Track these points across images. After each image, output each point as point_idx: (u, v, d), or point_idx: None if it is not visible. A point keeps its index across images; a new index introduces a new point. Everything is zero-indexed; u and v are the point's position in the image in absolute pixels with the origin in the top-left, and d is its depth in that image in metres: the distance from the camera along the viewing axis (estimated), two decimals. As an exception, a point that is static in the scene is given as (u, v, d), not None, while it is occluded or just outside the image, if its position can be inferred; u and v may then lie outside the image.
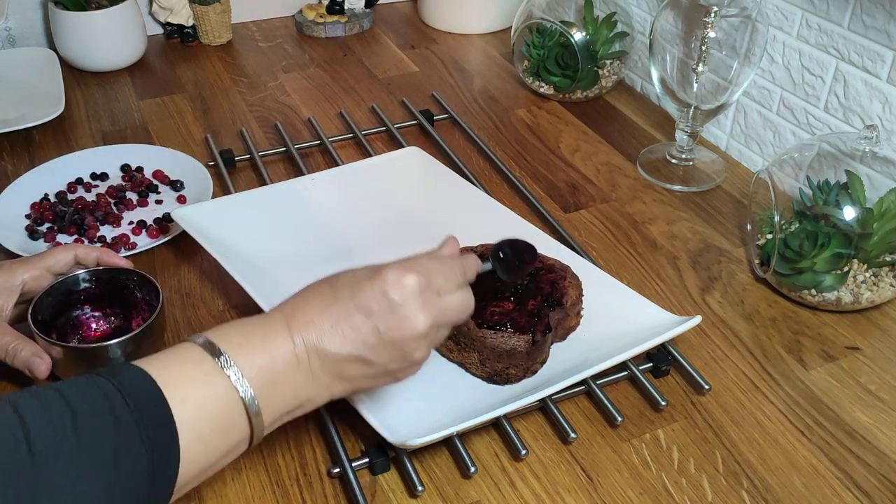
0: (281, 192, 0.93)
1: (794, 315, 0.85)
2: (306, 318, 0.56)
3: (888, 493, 0.67)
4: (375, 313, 0.56)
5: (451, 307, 0.59)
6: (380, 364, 0.57)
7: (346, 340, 0.56)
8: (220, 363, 0.52)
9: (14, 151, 1.09)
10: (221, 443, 0.52)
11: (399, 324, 0.56)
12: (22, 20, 1.32)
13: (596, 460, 0.70)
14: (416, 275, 0.57)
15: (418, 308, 0.57)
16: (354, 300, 0.56)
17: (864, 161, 0.86)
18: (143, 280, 0.77)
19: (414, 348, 0.58)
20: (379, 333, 0.56)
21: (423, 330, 0.57)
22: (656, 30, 1.02)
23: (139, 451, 0.47)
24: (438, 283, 0.59)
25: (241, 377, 0.52)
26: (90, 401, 0.47)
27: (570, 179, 1.06)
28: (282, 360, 0.54)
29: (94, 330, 0.79)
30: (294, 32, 1.44)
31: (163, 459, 0.48)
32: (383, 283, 0.56)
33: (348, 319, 0.56)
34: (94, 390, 0.48)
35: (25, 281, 0.74)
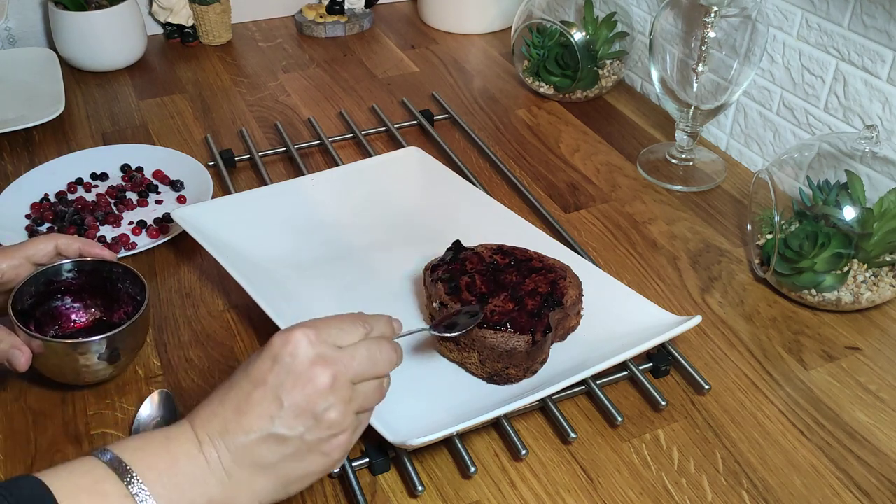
0: (281, 192, 0.93)
1: (794, 315, 0.85)
2: (208, 413, 0.52)
3: (888, 493, 0.67)
4: (270, 381, 0.52)
5: (356, 355, 0.55)
6: (294, 437, 0.52)
7: (251, 420, 0.51)
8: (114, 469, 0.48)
9: (14, 151, 1.09)
10: None
11: (296, 382, 0.52)
12: (22, 20, 1.32)
13: (596, 460, 0.70)
14: (302, 329, 0.54)
15: (311, 362, 0.53)
16: (249, 377, 0.53)
17: (864, 161, 0.86)
18: (126, 272, 0.76)
19: (324, 408, 0.52)
20: (280, 401, 0.52)
21: (325, 383, 0.52)
22: (656, 30, 1.02)
23: None
24: (332, 335, 0.55)
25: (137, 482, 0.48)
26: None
27: (570, 179, 1.06)
28: (185, 459, 0.50)
29: (74, 322, 0.77)
30: (294, 32, 1.44)
31: None
32: (271, 349, 0.53)
33: (248, 398, 0.52)
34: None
35: (4, 270, 0.72)
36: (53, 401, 0.74)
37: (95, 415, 0.73)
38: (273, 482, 0.53)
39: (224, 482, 0.51)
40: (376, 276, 0.85)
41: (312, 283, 0.84)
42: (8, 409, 0.73)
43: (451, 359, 0.76)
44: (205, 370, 0.78)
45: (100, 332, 0.71)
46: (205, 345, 0.80)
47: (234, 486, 0.51)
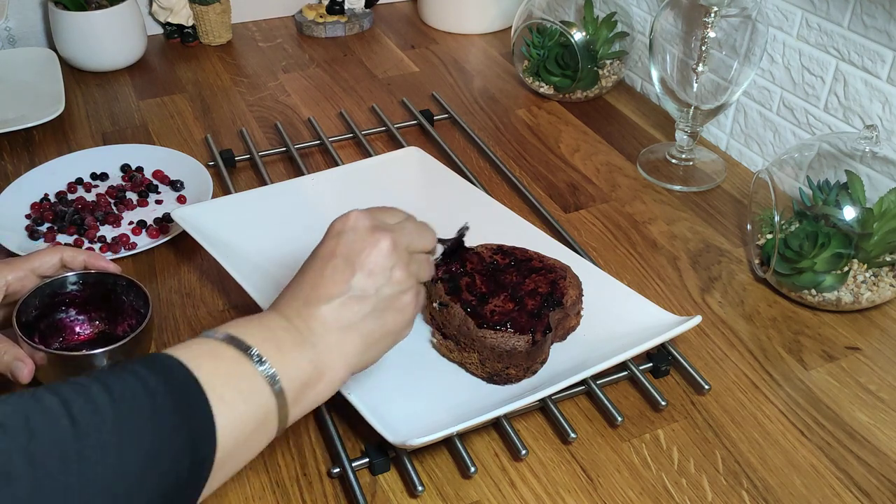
0: (281, 192, 0.93)
1: (794, 315, 0.85)
2: (288, 297, 0.59)
3: (888, 493, 0.67)
4: (339, 253, 0.59)
5: (405, 228, 0.62)
6: (371, 295, 0.58)
7: (328, 288, 0.57)
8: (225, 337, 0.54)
9: (14, 151, 1.09)
10: (247, 409, 0.52)
11: (362, 247, 0.58)
12: (22, 20, 1.32)
13: (596, 460, 0.70)
14: (353, 211, 0.61)
15: (370, 230, 0.59)
16: (317, 256, 0.60)
17: (864, 161, 0.86)
18: (130, 285, 0.76)
19: (390, 266, 0.59)
20: (353, 266, 0.58)
21: (386, 245, 0.59)
22: (656, 30, 1.02)
23: (176, 421, 0.47)
24: (380, 215, 0.62)
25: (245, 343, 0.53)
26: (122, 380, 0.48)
27: (570, 179, 1.06)
28: (280, 329, 0.56)
29: (78, 334, 0.77)
30: (294, 32, 1.44)
31: (199, 428, 0.49)
32: (332, 230, 0.60)
33: (321, 272, 0.58)
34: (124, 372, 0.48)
35: (9, 282, 0.73)
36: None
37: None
38: (359, 342, 0.58)
39: (316, 345, 0.56)
40: (376, 276, 0.85)
41: (312, 283, 0.84)
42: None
43: (451, 359, 0.76)
44: (205, 370, 0.77)
45: (104, 344, 0.71)
46: (205, 345, 0.80)
47: (325, 348, 0.57)
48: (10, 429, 0.42)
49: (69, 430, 0.43)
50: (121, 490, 0.44)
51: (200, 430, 0.49)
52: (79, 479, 0.43)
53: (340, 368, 0.58)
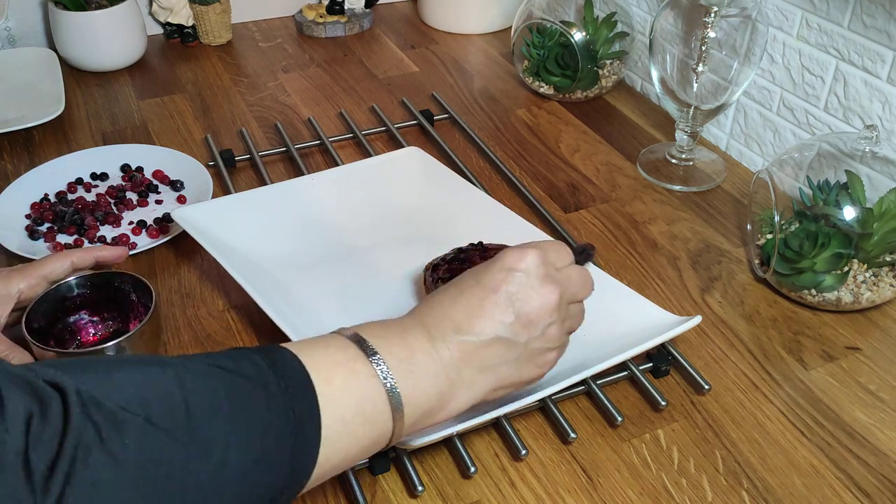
0: (281, 192, 0.93)
1: (794, 315, 0.85)
2: (439, 314, 0.57)
3: (888, 493, 0.67)
4: (505, 289, 0.57)
5: (571, 278, 0.60)
6: (520, 344, 0.57)
7: (484, 323, 0.56)
8: (362, 350, 0.53)
9: (14, 151, 1.09)
10: (363, 432, 0.51)
11: (529, 295, 0.57)
12: (22, 20, 1.32)
13: (596, 460, 0.70)
14: (534, 250, 0.59)
15: (542, 279, 0.58)
16: (480, 284, 0.57)
17: (864, 161, 0.86)
18: (137, 282, 0.77)
19: (548, 323, 0.58)
20: (513, 309, 0.57)
21: (554, 300, 0.58)
22: (656, 30, 1.02)
23: (286, 429, 0.47)
24: (552, 258, 0.60)
25: (382, 364, 0.52)
26: (244, 373, 0.47)
27: (570, 179, 1.06)
28: (421, 351, 0.55)
29: (92, 335, 0.78)
30: (294, 32, 1.44)
31: (306, 440, 0.48)
32: (504, 263, 0.58)
33: (481, 303, 0.57)
34: (249, 365, 0.48)
35: (22, 290, 0.74)
36: (53, 401, 0.74)
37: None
38: (490, 384, 0.58)
39: (451, 377, 0.55)
40: (376, 276, 0.85)
41: (312, 283, 0.84)
42: (8, 409, 0.73)
43: (451, 359, 0.76)
44: (205, 370, 0.77)
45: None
46: (205, 345, 0.80)
47: (459, 382, 0.56)
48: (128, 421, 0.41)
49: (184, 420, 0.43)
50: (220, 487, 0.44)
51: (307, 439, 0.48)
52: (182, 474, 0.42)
53: (464, 403, 0.57)
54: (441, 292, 0.59)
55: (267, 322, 0.74)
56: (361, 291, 0.83)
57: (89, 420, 0.40)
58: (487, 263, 0.59)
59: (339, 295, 0.83)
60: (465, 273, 0.60)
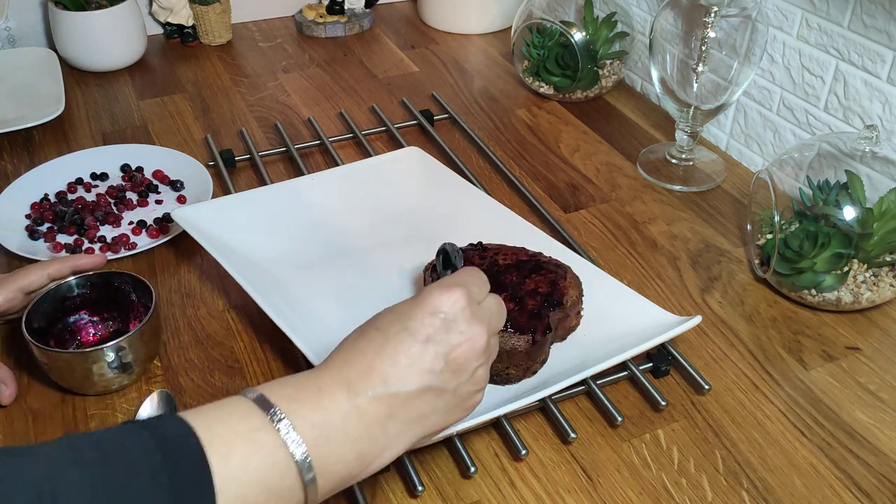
0: (281, 192, 0.93)
1: (794, 315, 0.85)
2: (363, 367, 0.52)
3: (888, 493, 0.67)
4: (433, 337, 0.53)
5: (492, 311, 0.58)
6: (449, 390, 0.54)
7: (411, 373, 0.52)
8: (269, 416, 0.47)
9: (14, 151, 1.09)
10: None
11: (458, 340, 0.54)
12: (22, 20, 1.32)
13: (596, 460, 0.70)
14: (459, 289, 0.55)
15: (469, 320, 0.55)
16: (408, 331, 0.53)
17: (864, 161, 0.86)
18: (136, 282, 0.77)
19: (477, 366, 0.55)
20: (443, 356, 0.53)
21: (482, 342, 0.55)
22: (656, 30, 1.02)
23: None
24: (475, 292, 0.57)
25: (292, 432, 0.47)
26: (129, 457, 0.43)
27: (570, 179, 1.06)
28: (340, 414, 0.50)
29: (92, 335, 0.79)
30: (294, 32, 1.44)
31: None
32: (430, 305, 0.54)
33: (407, 352, 0.52)
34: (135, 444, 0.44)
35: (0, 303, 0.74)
36: (53, 401, 0.74)
37: (95, 415, 0.73)
38: (416, 434, 0.54)
39: (375, 436, 0.51)
40: (376, 276, 0.85)
41: (312, 283, 0.84)
42: (8, 409, 0.73)
43: (451, 359, 0.76)
44: (205, 370, 0.78)
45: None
46: (205, 345, 0.80)
47: (385, 440, 0.52)
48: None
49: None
50: None
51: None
52: None
53: (388, 459, 0.53)
54: (361, 336, 0.54)
55: (267, 322, 0.74)
56: (361, 291, 0.83)
57: None
58: (413, 305, 0.55)
59: (339, 295, 0.83)
60: (385, 314, 0.56)
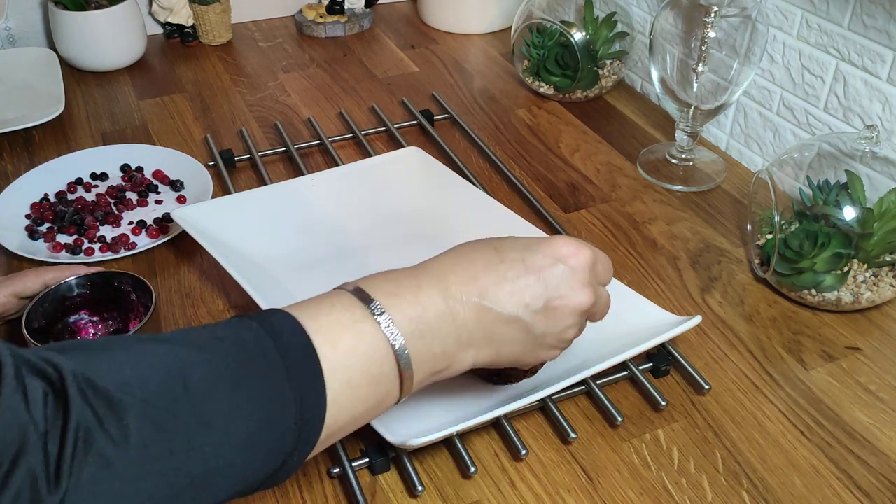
0: (281, 192, 0.93)
1: (794, 315, 0.85)
2: (468, 274, 0.54)
3: (888, 493, 0.67)
4: (546, 276, 0.55)
5: (602, 297, 0.59)
6: (535, 333, 0.56)
7: (511, 300, 0.54)
8: (370, 310, 0.51)
9: (14, 151, 1.09)
10: (370, 392, 0.51)
11: (566, 293, 0.56)
12: (22, 20, 1.32)
13: (596, 460, 0.70)
14: (588, 251, 0.57)
15: (585, 282, 0.56)
16: (525, 262, 0.55)
17: (864, 161, 0.86)
18: (137, 282, 0.77)
19: (570, 325, 0.57)
20: (546, 298, 0.55)
21: (586, 305, 0.56)
22: (656, 30, 1.02)
23: (289, 398, 0.46)
24: (599, 270, 0.59)
25: (391, 325, 0.51)
26: (243, 344, 0.47)
27: (570, 179, 1.06)
28: (434, 312, 0.53)
29: (92, 335, 0.79)
30: (294, 32, 1.44)
31: (311, 407, 0.48)
32: (556, 250, 0.56)
33: (516, 279, 0.55)
34: (247, 334, 0.47)
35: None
36: (53, 401, 0.74)
37: (95, 415, 0.73)
38: (493, 354, 0.56)
39: (460, 340, 0.54)
40: (376, 276, 0.85)
41: (312, 283, 0.83)
42: (8, 409, 0.73)
43: (451, 359, 0.76)
44: (205, 370, 0.77)
45: None
46: (205, 345, 0.80)
47: (467, 345, 0.54)
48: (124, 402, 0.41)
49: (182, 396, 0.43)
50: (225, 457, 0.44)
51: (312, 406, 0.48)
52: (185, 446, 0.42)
53: (467, 366, 0.56)
54: (476, 249, 0.57)
55: (267, 322, 0.74)
56: (361, 291, 0.83)
57: (87, 404, 0.40)
58: (538, 242, 0.57)
59: (339, 295, 0.83)
60: (507, 239, 0.57)
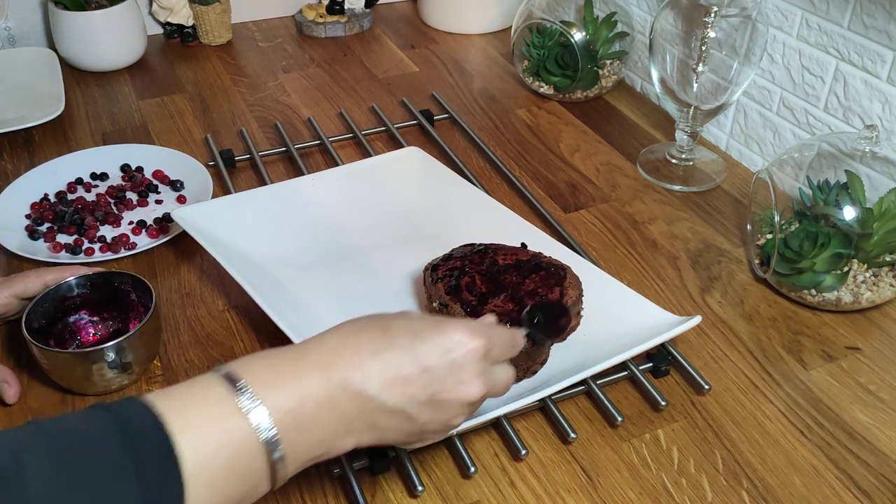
0: (281, 192, 0.93)
1: (794, 315, 0.85)
2: (353, 361, 0.51)
3: (888, 493, 0.67)
4: (432, 370, 0.52)
5: (499, 381, 0.57)
6: (419, 422, 0.53)
7: (395, 391, 0.51)
8: (243, 402, 0.47)
9: (14, 151, 1.09)
10: (237, 489, 0.47)
11: (453, 386, 0.53)
12: (22, 20, 1.32)
13: (596, 460, 0.70)
14: (483, 340, 0.54)
15: (476, 374, 0.54)
16: (413, 351, 0.52)
17: (864, 161, 0.86)
18: (136, 282, 0.77)
19: (456, 414, 0.55)
20: (431, 392, 0.52)
21: (474, 397, 0.54)
22: (656, 30, 1.02)
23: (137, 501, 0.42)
24: (495, 354, 0.56)
25: (265, 418, 0.47)
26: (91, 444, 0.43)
27: (570, 179, 1.06)
28: (314, 402, 0.49)
29: (92, 335, 0.79)
30: (294, 32, 1.44)
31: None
32: (447, 341, 0.53)
33: (401, 369, 0.51)
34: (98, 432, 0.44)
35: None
36: (53, 401, 0.74)
37: (95, 415, 0.73)
38: (375, 438, 0.54)
39: (339, 429, 0.51)
40: (376, 276, 0.85)
41: (313, 283, 0.84)
42: (8, 409, 0.73)
43: (451, 359, 0.76)
44: (205, 370, 0.77)
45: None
46: (205, 345, 0.80)
47: (347, 433, 0.52)
48: None
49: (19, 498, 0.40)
50: None
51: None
52: None
53: (348, 449, 0.53)
54: (365, 329, 0.53)
55: (267, 322, 0.74)
56: (361, 291, 0.83)
57: None
58: (430, 328, 0.53)
59: (339, 295, 0.83)
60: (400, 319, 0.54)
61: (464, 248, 0.81)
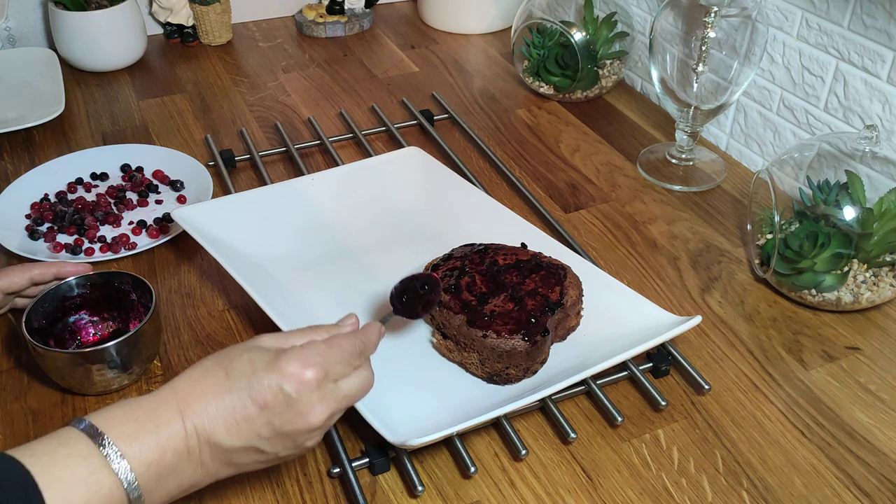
0: (281, 192, 0.93)
1: (794, 315, 0.85)
2: (200, 406, 0.54)
3: (888, 493, 0.67)
4: (271, 407, 0.55)
5: (349, 392, 0.58)
6: (271, 453, 0.56)
7: (239, 433, 0.54)
8: (106, 457, 0.50)
9: (14, 151, 1.09)
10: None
11: (294, 418, 0.55)
12: (22, 20, 1.32)
13: (596, 460, 0.70)
14: (315, 369, 0.56)
15: (315, 402, 0.56)
16: (250, 392, 0.54)
17: (864, 161, 0.86)
18: (137, 282, 0.77)
19: (307, 439, 0.57)
20: (273, 427, 0.55)
21: (319, 422, 0.56)
22: (656, 30, 1.02)
23: None
24: (336, 372, 0.57)
25: (128, 473, 0.50)
26: None
27: (570, 179, 1.06)
28: (173, 452, 0.53)
29: (92, 335, 0.79)
30: (294, 32, 1.44)
31: None
32: (281, 377, 0.55)
33: (243, 411, 0.54)
34: None
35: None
36: (53, 401, 0.74)
37: (95, 415, 0.73)
38: (235, 472, 0.57)
39: (196, 471, 0.54)
40: (376, 276, 0.85)
41: (312, 283, 0.84)
42: (8, 409, 0.73)
43: (451, 359, 0.76)
44: (205, 370, 0.77)
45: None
46: (205, 345, 0.80)
47: (204, 473, 0.55)
48: None
49: None
50: None
51: None
52: None
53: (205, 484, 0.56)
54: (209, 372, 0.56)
55: (267, 322, 0.74)
56: (361, 291, 0.83)
57: None
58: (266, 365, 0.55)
59: (339, 295, 0.83)
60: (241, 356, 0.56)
61: (464, 248, 0.81)
